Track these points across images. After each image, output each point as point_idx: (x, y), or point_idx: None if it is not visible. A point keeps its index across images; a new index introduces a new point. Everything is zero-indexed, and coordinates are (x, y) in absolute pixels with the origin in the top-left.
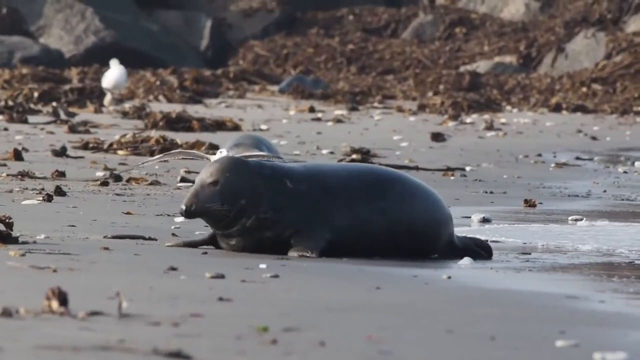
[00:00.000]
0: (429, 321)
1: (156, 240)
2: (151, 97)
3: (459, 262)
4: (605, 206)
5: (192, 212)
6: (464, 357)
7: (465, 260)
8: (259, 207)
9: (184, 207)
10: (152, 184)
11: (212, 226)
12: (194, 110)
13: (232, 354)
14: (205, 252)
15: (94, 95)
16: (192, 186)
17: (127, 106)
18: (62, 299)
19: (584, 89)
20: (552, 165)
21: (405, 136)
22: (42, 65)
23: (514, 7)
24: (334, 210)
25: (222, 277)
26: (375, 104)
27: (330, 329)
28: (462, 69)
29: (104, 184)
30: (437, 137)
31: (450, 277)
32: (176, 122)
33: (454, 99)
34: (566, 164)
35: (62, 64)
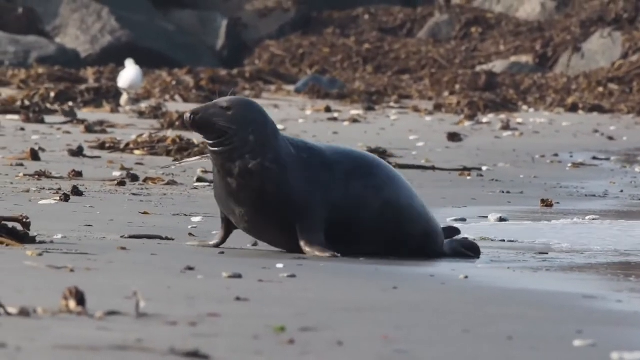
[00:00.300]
0: (446, 321)
1: (173, 240)
2: (167, 97)
3: (476, 262)
4: (622, 206)
5: (198, 119)
6: (481, 357)
7: (482, 259)
8: (266, 154)
9: (189, 114)
10: (168, 183)
11: (213, 147)
12: None
13: (250, 353)
14: (222, 252)
15: (110, 95)
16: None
17: (143, 106)
18: (80, 299)
19: (601, 89)
20: (569, 165)
21: (421, 136)
22: (58, 65)
23: (530, 7)
24: (331, 184)
25: (239, 276)
26: (391, 104)
27: (347, 329)
28: (478, 69)
29: (121, 183)
30: (454, 137)
31: (467, 277)
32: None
33: (470, 98)
34: (583, 163)
35: (78, 63)
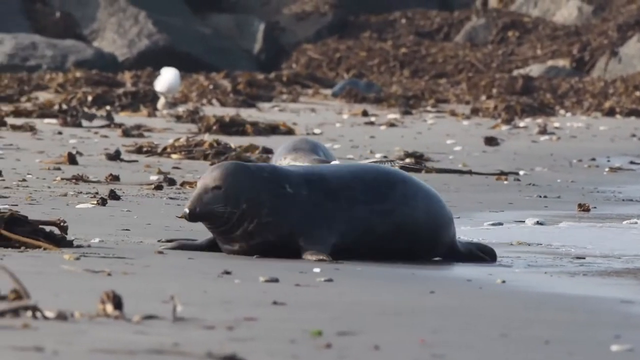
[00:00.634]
0: (483, 325)
1: None
2: (204, 101)
3: (513, 267)
4: None
5: (197, 214)
6: None
7: (519, 264)
8: (260, 211)
9: (187, 210)
10: None
11: (214, 231)
12: (247, 114)
13: (286, 357)
14: (258, 256)
15: (147, 99)
16: (194, 191)
17: (180, 110)
18: (117, 303)
19: (638, 93)
20: (606, 169)
21: (458, 140)
22: (95, 68)
23: (567, 11)
24: (336, 213)
25: (276, 280)
26: (428, 108)
27: (384, 333)
28: (515, 73)
29: (158, 187)
30: (491, 141)
31: (504, 281)
32: (230, 126)
33: (507, 102)
34: (620, 168)
35: (115, 67)
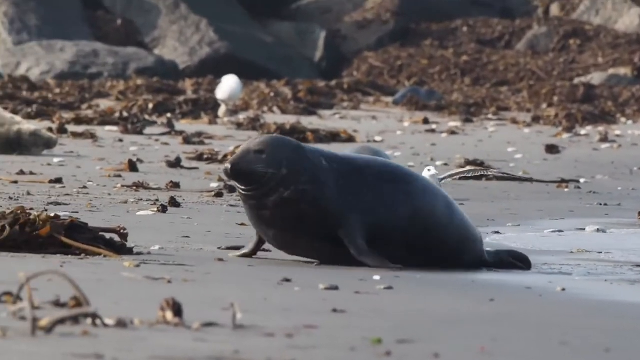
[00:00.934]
0: (543, 333)
1: (270, 251)
2: (265, 109)
3: (574, 274)
4: None
5: (237, 169)
6: None
7: (579, 272)
8: (299, 178)
9: (229, 165)
10: None
11: (248, 195)
12: (308, 121)
13: None
14: (319, 263)
15: (208, 106)
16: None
17: (241, 117)
18: (177, 310)
19: None
20: None
21: (519, 148)
22: (156, 76)
23: (629, 19)
24: (364, 189)
25: (336, 288)
26: (489, 116)
27: (444, 341)
28: (576, 81)
29: (218, 195)
30: (552, 149)
31: (564, 289)
32: (290, 134)
33: (569, 110)
34: None
35: (176, 75)
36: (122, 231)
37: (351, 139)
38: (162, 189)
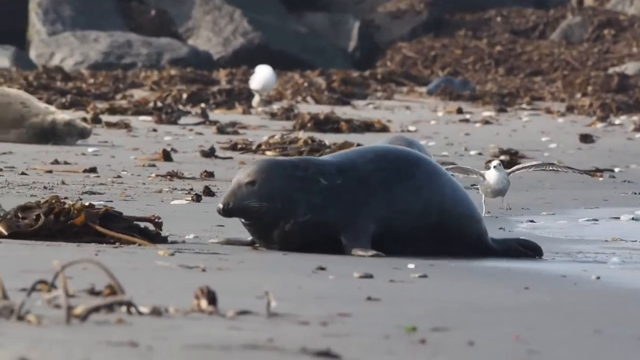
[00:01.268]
0: (578, 321)
1: None
2: (299, 99)
3: (608, 263)
4: None
5: (230, 209)
6: (613, 358)
7: (614, 260)
8: (296, 211)
9: (221, 205)
10: None
11: (252, 231)
12: (341, 111)
13: (381, 353)
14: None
15: (242, 96)
16: (229, 187)
17: (275, 107)
18: (211, 298)
19: None
20: None
21: (553, 137)
22: (190, 66)
23: None
24: (370, 198)
25: (370, 276)
26: (523, 106)
27: (478, 329)
28: (610, 71)
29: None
30: (586, 138)
31: (599, 278)
32: (324, 124)
33: (603, 100)
34: None
35: (210, 65)
36: (156, 220)
37: (385, 129)
38: (196, 179)
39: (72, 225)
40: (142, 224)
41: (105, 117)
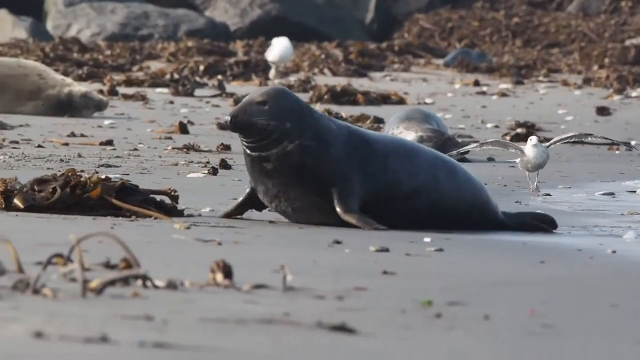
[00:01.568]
0: (593, 295)
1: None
2: (316, 71)
3: (624, 236)
4: None
5: (238, 122)
6: (629, 332)
7: (630, 234)
8: (304, 133)
9: (229, 117)
10: None
11: (251, 145)
12: (358, 83)
13: (397, 327)
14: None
15: (259, 68)
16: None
17: (292, 79)
18: (227, 272)
19: None
20: None
21: (570, 110)
22: (207, 38)
23: None
24: (369, 159)
25: (386, 250)
26: (540, 78)
27: (494, 303)
28: (627, 43)
29: None
30: (602, 111)
31: (615, 252)
32: (341, 96)
33: (619, 72)
34: None
35: (227, 37)
36: (172, 193)
37: (402, 101)
38: (212, 151)
39: (88, 198)
40: (158, 197)
41: (121, 89)
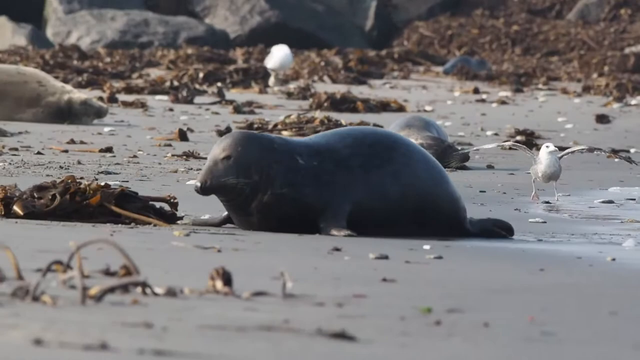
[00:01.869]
0: (593, 303)
1: None
2: (316, 78)
3: (624, 244)
4: None
5: (208, 187)
6: (628, 339)
7: (629, 242)
8: (273, 183)
9: (198, 184)
10: None
11: (229, 206)
12: (358, 91)
13: (396, 334)
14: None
15: (258, 75)
16: (205, 163)
17: (291, 87)
18: (227, 279)
19: None
20: None
21: (569, 118)
22: (207, 45)
23: None
24: (349, 181)
25: (385, 257)
26: (539, 86)
27: (493, 310)
28: (627, 51)
29: None
30: (602, 118)
31: (614, 259)
32: (341, 103)
33: (619, 80)
34: None
35: (227, 44)
36: (172, 200)
37: (401, 109)
38: None
39: (88, 205)
40: (158, 204)
41: (121, 96)
